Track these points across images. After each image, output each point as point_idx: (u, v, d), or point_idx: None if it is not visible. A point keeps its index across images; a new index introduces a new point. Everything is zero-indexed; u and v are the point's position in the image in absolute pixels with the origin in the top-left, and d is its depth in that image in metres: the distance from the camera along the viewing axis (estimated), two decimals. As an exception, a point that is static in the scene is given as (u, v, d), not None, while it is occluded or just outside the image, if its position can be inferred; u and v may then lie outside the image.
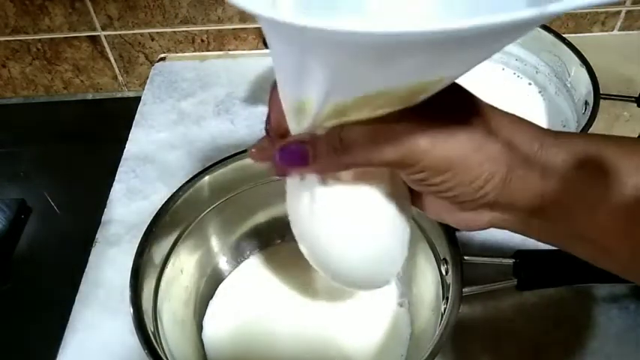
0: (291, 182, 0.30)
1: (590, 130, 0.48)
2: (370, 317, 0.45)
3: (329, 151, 0.26)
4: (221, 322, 0.45)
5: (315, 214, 0.29)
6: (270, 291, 0.47)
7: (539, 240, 0.29)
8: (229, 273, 0.48)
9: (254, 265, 0.49)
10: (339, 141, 0.26)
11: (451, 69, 0.21)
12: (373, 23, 0.15)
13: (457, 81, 0.25)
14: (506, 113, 0.27)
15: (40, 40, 0.69)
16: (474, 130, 0.26)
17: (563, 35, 0.55)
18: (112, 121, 0.71)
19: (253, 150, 0.31)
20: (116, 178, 0.59)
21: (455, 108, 0.26)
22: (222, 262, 0.48)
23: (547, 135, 0.27)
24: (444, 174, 0.26)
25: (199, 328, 0.45)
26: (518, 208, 0.27)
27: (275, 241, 0.50)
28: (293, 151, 0.27)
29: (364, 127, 0.25)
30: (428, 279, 0.42)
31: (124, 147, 0.62)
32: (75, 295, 0.49)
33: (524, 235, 0.29)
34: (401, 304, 0.45)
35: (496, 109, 0.27)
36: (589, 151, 0.26)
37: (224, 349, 0.44)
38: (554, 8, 0.15)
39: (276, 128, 0.29)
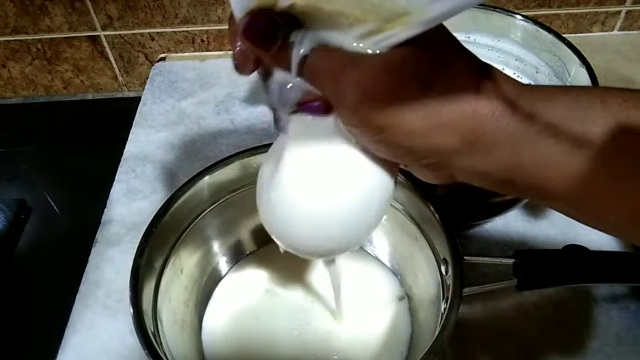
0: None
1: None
2: (370, 314, 0.45)
3: (285, 43, 0.24)
4: (219, 322, 0.45)
5: (276, 180, 0.29)
6: (268, 289, 0.47)
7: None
8: (228, 272, 0.48)
9: (252, 264, 0.49)
10: (302, 38, 0.24)
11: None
12: None
13: None
14: (486, 66, 0.25)
15: (40, 40, 0.69)
16: (430, 93, 0.24)
17: (563, 35, 0.55)
18: (112, 121, 0.71)
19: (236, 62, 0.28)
20: (116, 178, 0.59)
21: (424, 54, 0.24)
22: (222, 262, 0.48)
23: (524, 91, 0.25)
24: (378, 134, 0.25)
25: (199, 328, 0.45)
26: (481, 176, 0.26)
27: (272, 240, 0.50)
28: (262, 25, 0.24)
29: (336, 51, 0.24)
30: (428, 279, 0.42)
31: (124, 147, 0.62)
32: (75, 295, 0.49)
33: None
34: (400, 299, 0.46)
35: (477, 59, 0.25)
36: (571, 108, 0.25)
37: (222, 349, 0.44)
38: None
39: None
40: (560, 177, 0.25)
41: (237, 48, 0.26)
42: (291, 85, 0.25)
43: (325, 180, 0.29)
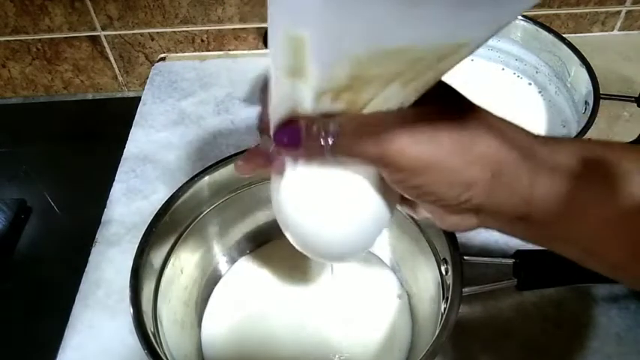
0: (274, 177, 0.31)
1: (591, 130, 0.48)
2: (370, 314, 0.45)
3: (319, 133, 0.26)
4: (218, 322, 0.45)
5: (287, 199, 0.30)
6: (267, 288, 0.47)
7: (525, 241, 0.29)
8: (226, 272, 0.48)
9: (250, 263, 0.49)
10: (330, 125, 0.25)
11: (474, 30, 0.20)
12: None
13: (456, 86, 0.25)
14: (497, 117, 0.27)
15: (40, 40, 0.69)
16: (458, 132, 0.25)
17: (563, 35, 0.55)
18: (112, 121, 0.71)
19: (240, 162, 0.31)
20: (116, 178, 0.59)
21: (445, 109, 0.26)
22: (222, 262, 0.48)
23: (537, 138, 0.27)
24: (420, 176, 0.25)
25: (199, 328, 0.45)
26: (505, 213, 0.27)
27: (272, 239, 0.50)
28: (288, 130, 0.26)
29: (353, 116, 0.25)
30: (428, 279, 0.42)
31: (124, 147, 0.62)
32: (75, 295, 0.49)
33: (512, 236, 0.29)
34: (400, 297, 0.46)
35: (486, 111, 0.27)
36: (581, 154, 0.26)
37: (221, 349, 0.44)
38: None
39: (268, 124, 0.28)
40: (576, 212, 0.26)
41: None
42: None
43: (328, 204, 0.30)
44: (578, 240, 0.27)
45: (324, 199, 0.29)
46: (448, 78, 0.26)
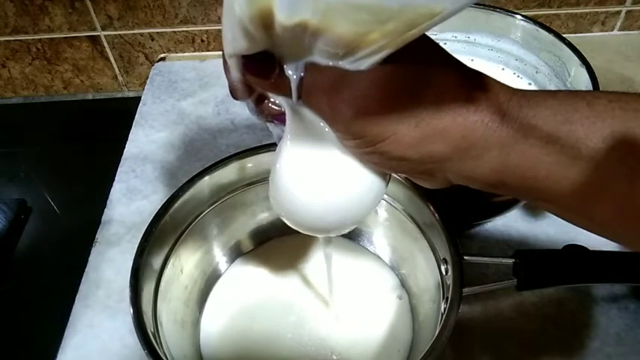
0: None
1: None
2: (369, 313, 0.45)
3: (294, 74, 0.25)
4: (216, 322, 0.45)
5: (282, 168, 0.30)
6: (266, 288, 0.47)
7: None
8: (224, 272, 0.48)
9: (249, 262, 0.49)
10: (307, 68, 0.24)
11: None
12: None
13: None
14: (474, 75, 0.26)
15: (40, 40, 0.69)
16: (419, 103, 0.24)
17: (563, 35, 0.55)
18: (112, 121, 0.71)
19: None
20: (116, 178, 0.59)
21: (413, 72, 0.24)
22: (222, 262, 0.48)
23: (515, 99, 0.26)
24: (372, 146, 0.26)
25: (199, 327, 0.45)
26: (475, 181, 0.27)
27: (272, 239, 0.50)
28: (260, 62, 0.25)
29: (323, 67, 0.24)
30: (428, 279, 0.42)
31: (124, 147, 0.62)
32: (75, 295, 0.49)
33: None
34: (400, 297, 0.46)
35: (464, 71, 0.26)
36: (554, 114, 0.25)
37: (219, 348, 0.44)
38: None
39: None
40: (547, 178, 0.25)
41: (233, 78, 0.28)
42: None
43: (320, 177, 0.30)
44: (555, 200, 0.27)
45: (317, 172, 0.29)
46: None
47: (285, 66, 0.25)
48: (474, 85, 0.25)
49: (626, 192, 0.24)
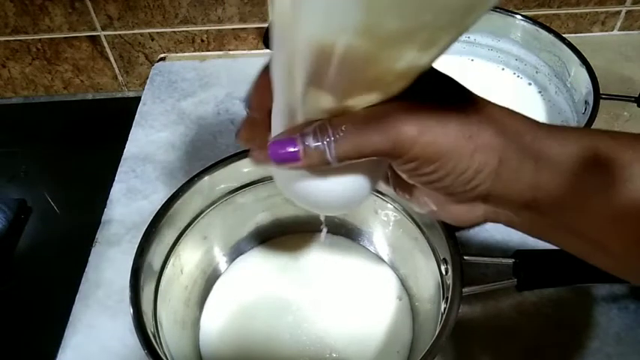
0: None
1: (590, 130, 0.48)
2: (369, 312, 0.45)
3: (318, 143, 0.25)
4: (216, 321, 0.45)
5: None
6: (265, 288, 0.47)
7: (531, 234, 0.29)
8: (224, 271, 0.48)
9: (248, 262, 0.49)
10: (329, 129, 0.25)
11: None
12: None
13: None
14: (499, 105, 0.27)
15: (40, 40, 0.69)
16: (465, 119, 0.25)
17: (563, 35, 0.55)
18: (112, 121, 0.71)
19: (252, 152, 0.31)
20: (116, 178, 0.59)
21: (446, 97, 0.26)
22: (222, 262, 0.48)
23: (541, 127, 0.27)
24: (433, 163, 0.25)
25: (199, 327, 0.45)
26: (511, 200, 0.27)
27: (271, 239, 0.50)
28: (283, 146, 0.26)
29: (353, 113, 0.25)
30: (428, 279, 0.42)
31: (124, 147, 0.62)
32: (75, 295, 0.49)
33: (517, 229, 0.29)
34: (400, 298, 0.46)
35: (488, 101, 0.27)
36: (584, 143, 0.26)
37: (219, 348, 0.44)
38: None
39: (257, 107, 0.28)
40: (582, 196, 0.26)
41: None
42: None
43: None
44: (582, 231, 0.27)
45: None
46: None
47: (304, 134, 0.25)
48: (503, 110, 0.27)
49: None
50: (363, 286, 0.47)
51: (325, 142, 0.25)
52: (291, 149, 0.25)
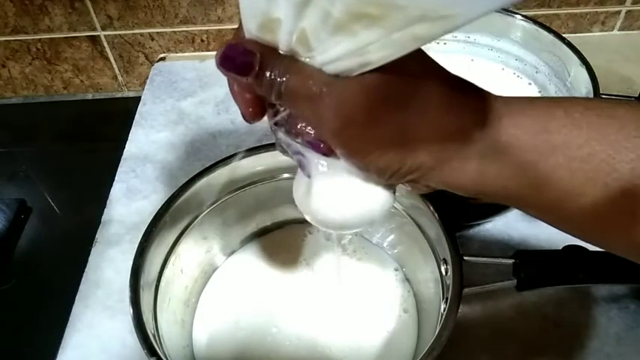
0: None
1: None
2: (368, 313, 0.45)
3: (272, 79, 0.24)
4: (210, 320, 0.45)
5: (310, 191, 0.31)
6: (263, 286, 0.47)
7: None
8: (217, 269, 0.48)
9: (246, 262, 0.49)
10: (281, 66, 0.24)
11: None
12: None
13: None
14: (454, 84, 0.26)
15: (39, 40, 0.69)
16: (400, 116, 0.24)
17: (563, 35, 0.55)
18: (112, 121, 0.71)
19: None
20: (116, 178, 0.59)
21: (393, 81, 0.24)
22: (222, 262, 0.48)
23: (494, 111, 0.26)
24: (358, 154, 0.26)
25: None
26: (456, 189, 0.28)
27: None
28: (236, 56, 0.25)
29: (302, 67, 0.24)
30: (428, 279, 0.42)
31: (124, 147, 0.62)
32: (75, 295, 0.49)
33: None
34: (406, 310, 0.45)
35: (444, 80, 0.26)
36: (530, 126, 0.26)
37: (213, 348, 0.44)
38: None
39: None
40: (525, 187, 0.26)
41: (240, 97, 0.28)
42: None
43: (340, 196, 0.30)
44: (535, 207, 0.28)
45: (345, 192, 0.30)
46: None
47: (268, 64, 0.24)
48: (457, 96, 0.26)
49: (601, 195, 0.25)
50: (363, 286, 0.46)
51: (274, 76, 0.24)
52: (244, 61, 0.24)
